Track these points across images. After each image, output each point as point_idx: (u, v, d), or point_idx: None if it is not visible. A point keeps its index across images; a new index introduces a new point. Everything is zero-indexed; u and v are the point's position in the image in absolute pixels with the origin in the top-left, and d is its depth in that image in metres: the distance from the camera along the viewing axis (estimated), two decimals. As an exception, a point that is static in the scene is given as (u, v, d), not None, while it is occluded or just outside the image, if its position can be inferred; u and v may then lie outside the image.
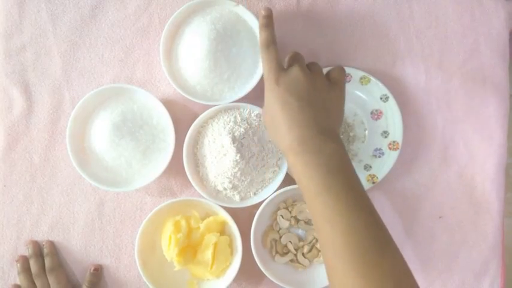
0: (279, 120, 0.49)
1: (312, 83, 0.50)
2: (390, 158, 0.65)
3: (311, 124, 0.48)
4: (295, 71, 0.50)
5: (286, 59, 0.54)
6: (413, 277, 0.45)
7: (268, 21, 0.51)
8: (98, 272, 0.66)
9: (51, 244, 0.67)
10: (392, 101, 0.65)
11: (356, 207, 0.45)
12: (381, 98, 0.66)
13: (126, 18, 0.67)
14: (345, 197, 0.45)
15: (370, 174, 0.66)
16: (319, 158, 0.47)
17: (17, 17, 0.67)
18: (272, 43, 0.51)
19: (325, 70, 0.65)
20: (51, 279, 0.64)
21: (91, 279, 0.66)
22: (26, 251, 0.66)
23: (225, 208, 0.62)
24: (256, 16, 0.61)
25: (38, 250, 0.66)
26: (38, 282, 0.64)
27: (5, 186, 0.67)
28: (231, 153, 0.59)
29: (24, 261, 0.66)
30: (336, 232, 0.44)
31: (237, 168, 0.59)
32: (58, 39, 0.67)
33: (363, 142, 0.67)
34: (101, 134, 0.62)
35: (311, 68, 0.53)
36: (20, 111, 0.67)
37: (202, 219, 0.64)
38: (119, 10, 0.67)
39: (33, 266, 0.65)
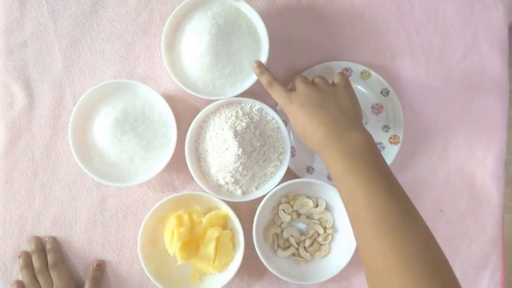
0: (304, 128, 0.55)
1: (318, 90, 0.56)
2: (391, 152, 0.66)
3: (329, 121, 0.54)
4: (300, 87, 0.57)
5: (291, 84, 0.60)
6: (437, 242, 0.46)
7: (262, 68, 0.60)
8: (100, 267, 0.66)
9: (54, 240, 0.67)
10: (392, 95, 0.65)
11: (375, 185, 0.48)
12: (382, 92, 0.66)
13: (127, 13, 0.67)
14: (365, 176, 0.49)
15: (371, 168, 0.66)
16: (341, 145, 0.51)
17: (18, 13, 0.67)
18: (273, 81, 0.58)
19: (326, 66, 0.66)
20: (54, 275, 0.64)
21: (94, 275, 0.66)
22: (29, 247, 0.67)
23: (227, 202, 0.62)
24: (258, 11, 0.61)
25: (41, 246, 0.66)
26: (40, 278, 0.65)
27: (6, 182, 0.67)
28: (232, 148, 0.59)
29: (27, 256, 0.66)
30: (358, 208, 0.48)
31: (238, 163, 0.60)
32: (59, 35, 0.67)
33: (364, 136, 0.67)
34: (102, 130, 0.62)
35: (314, 80, 0.59)
36: (21, 107, 0.67)
37: (205, 213, 0.64)
38: (119, 6, 0.67)
39: (36, 261, 0.65)
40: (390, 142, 0.66)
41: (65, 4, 0.67)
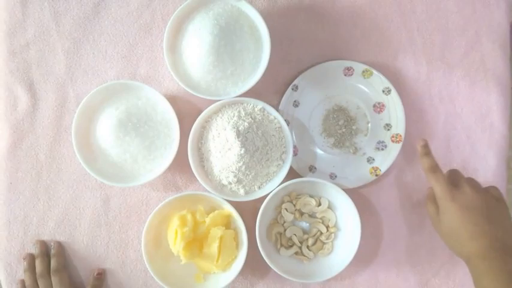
0: (458, 232, 0.55)
1: (484, 200, 0.55)
2: (393, 151, 0.66)
3: (491, 235, 0.53)
4: (468, 191, 0.55)
5: (449, 176, 0.59)
6: None
7: (427, 150, 0.58)
8: (101, 276, 0.67)
9: (59, 245, 0.67)
10: (394, 94, 0.65)
11: None
12: (383, 91, 0.66)
13: (129, 14, 0.68)
14: None
15: (373, 167, 0.66)
16: (504, 265, 0.51)
17: (21, 15, 0.67)
18: (437, 167, 0.57)
19: (328, 65, 0.66)
20: (55, 281, 0.64)
21: (94, 284, 0.66)
22: (34, 249, 0.67)
23: (230, 202, 0.62)
24: (259, 11, 0.61)
25: (45, 250, 0.67)
26: (40, 283, 0.65)
27: (11, 183, 0.67)
28: (235, 148, 0.59)
29: (31, 259, 0.66)
30: None
31: (241, 162, 0.60)
32: (61, 37, 0.67)
33: (366, 135, 0.67)
34: (106, 130, 0.62)
35: (476, 186, 0.57)
36: (24, 109, 0.67)
37: (208, 213, 0.64)
38: (121, 7, 0.68)
39: (38, 266, 0.66)
40: (392, 141, 0.66)
41: (67, 6, 0.67)
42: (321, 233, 0.65)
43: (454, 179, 0.58)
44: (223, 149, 0.61)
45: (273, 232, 0.65)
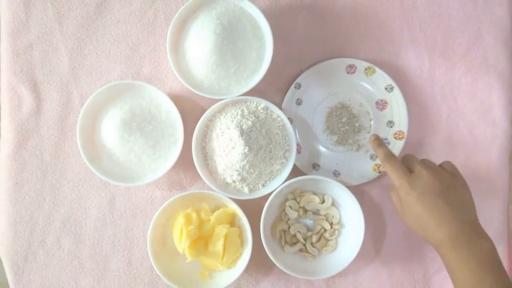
0: (424, 219, 0.53)
1: (440, 179, 0.54)
2: (396, 148, 0.66)
3: (454, 220, 0.52)
4: (423, 173, 0.54)
5: (403, 161, 0.58)
6: None
7: (379, 141, 0.59)
8: None
9: None
10: (397, 91, 0.66)
11: None
12: (386, 88, 0.66)
13: (132, 14, 0.68)
14: None
15: (376, 164, 0.66)
16: (473, 252, 0.50)
17: (24, 16, 0.67)
18: (391, 155, 0.57)
19: (330, 63, 0.66)
20: None
21: None
22: (41, 248, 0.67)
23: (235, 200, 0.63)
24: (261, 10, 0.61)
25: None
26: None
27: (16, 183, 0.68)
28: (239, 146, 0.60)
29: None
30: None
31: (245, 161, 0.60)
32: (65, 37, 0.68)
33: (369, 132, 0.67)
34: (110, 130, 0.63)
35: (430, 166, 0.56)
36: (29, 109, 0.68)
37: (213, 211, 0.64)
38: (124, 7, 0.68)
39: None
40: (395, 138, 0.66)
41: (70, 6, 0.68)
42: (325, 230, 0.66)
43: (409, 164, 0.57)
44: (227, 148, 0.61)
45: (277, 229, 0.66)
